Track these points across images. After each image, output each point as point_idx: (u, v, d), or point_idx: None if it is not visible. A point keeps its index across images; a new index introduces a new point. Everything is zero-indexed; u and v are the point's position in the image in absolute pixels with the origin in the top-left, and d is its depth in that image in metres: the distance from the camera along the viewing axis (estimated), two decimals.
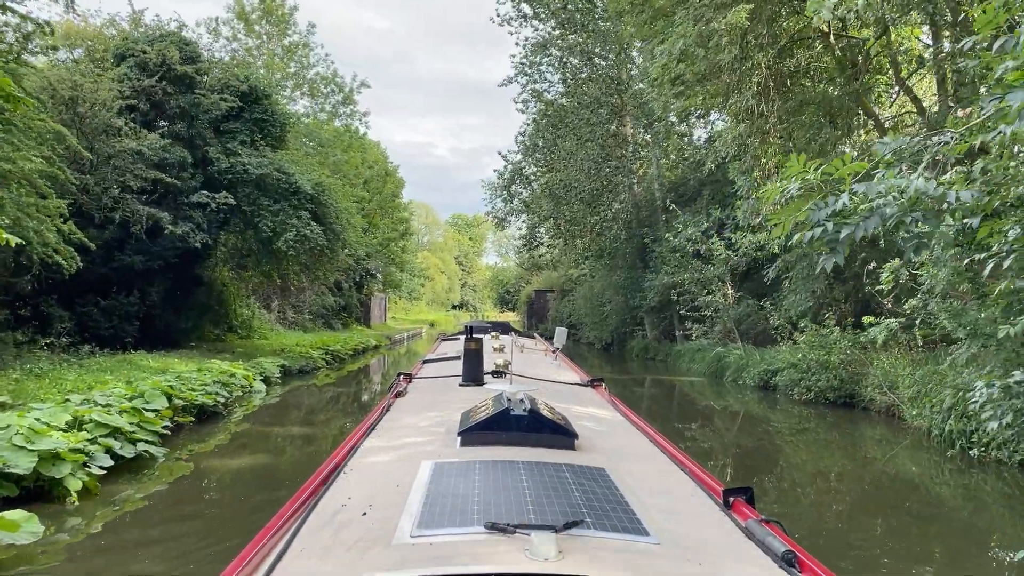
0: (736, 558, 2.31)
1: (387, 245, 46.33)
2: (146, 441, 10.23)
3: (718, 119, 29.44)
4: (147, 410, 11.59)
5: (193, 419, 13.25)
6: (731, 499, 2.86)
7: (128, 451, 9.76)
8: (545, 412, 3.55)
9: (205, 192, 19.59)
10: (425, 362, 7.86)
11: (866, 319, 11.85)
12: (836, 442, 15.08)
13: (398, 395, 5.37)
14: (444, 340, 11.34)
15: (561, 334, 8.91)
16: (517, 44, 34.37)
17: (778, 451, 14.42)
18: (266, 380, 19.33)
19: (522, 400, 3.54)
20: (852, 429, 15.85)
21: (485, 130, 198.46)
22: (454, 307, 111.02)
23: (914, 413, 13.22)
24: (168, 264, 20.15)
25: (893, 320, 11.04)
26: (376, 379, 26.34)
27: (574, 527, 2.21)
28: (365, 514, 2.50)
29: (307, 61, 39.45)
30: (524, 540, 2.10)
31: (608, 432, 4.25)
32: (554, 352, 9.09)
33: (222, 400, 14.28)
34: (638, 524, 2.39)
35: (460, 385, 5.48)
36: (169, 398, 12.51)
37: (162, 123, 20.42)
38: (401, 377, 6.15)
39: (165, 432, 11.29)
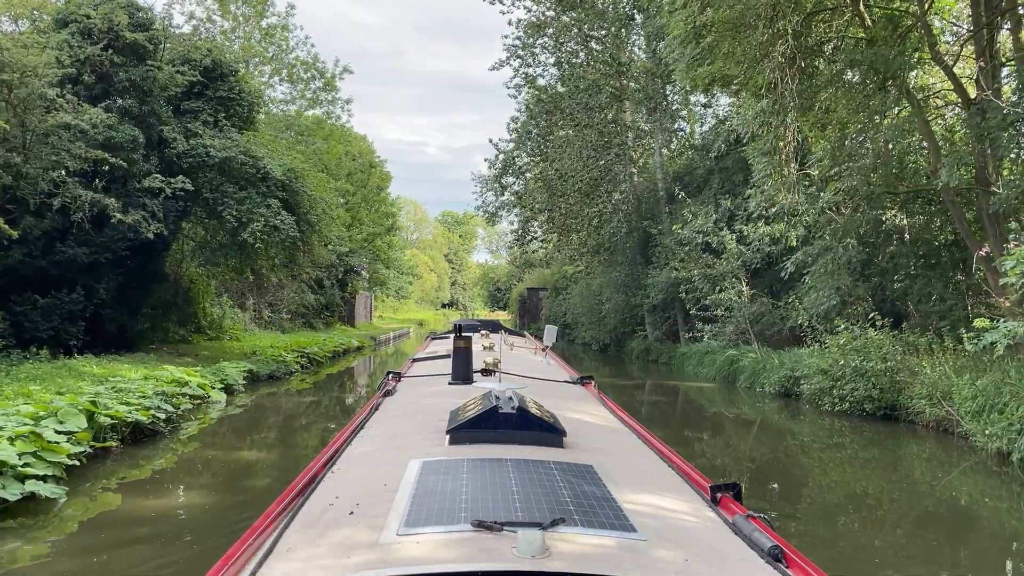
0: (723, 553, 2.29)
1: (372, 241, 44.14)
2: (40, 477, 8.03)
3: (727, 104, 27.46)
4: (60, 432, 9.42)
5: (120, 442, 11.04)
6: (718, 495, 2.85)
7: (13, 491, 7.58)
8: (533, 410, 3.51)
9: (159, 176, 17.34)
10: (415, 361, 7.73)
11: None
12: (876, 461, 13.10)
13: (387, 394, 5.30)
14: (434, 339, 11.11)
15: (551, 332, 8.81)
16: (510, 24, 32.22)
17: (806, 470, 12.45)
18: (227, 388, 17.12)
19: (511, 398, 3.49)
20: (895, 446, 13.85)
21: (477, 128, 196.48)
22: (444, 306, 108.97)
23: (988, 432, 11.13)
24: (118, 257, 17.89)
25: (1019, 324, 8.91)
26: (355, 384, 24.14)
27: (561, 524, 2.20)
28: (352, 513, 2.47)
29: (286, 45, 37.19)
30: (511, 538, 2.08)
31: (597, 429, 4.22)
32: (544, 350, 8.92)
33: (163, 416, 12.06)
34: (625, 520, 2.37)
35: (449, 384, 5.37)
36: (91, 416, 10.33)
37: (118, 100, 18.12)
38: (390, 376, 6.11)
39: (76, 462, 9.08)
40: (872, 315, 14.78)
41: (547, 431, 3.38)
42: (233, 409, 16.15)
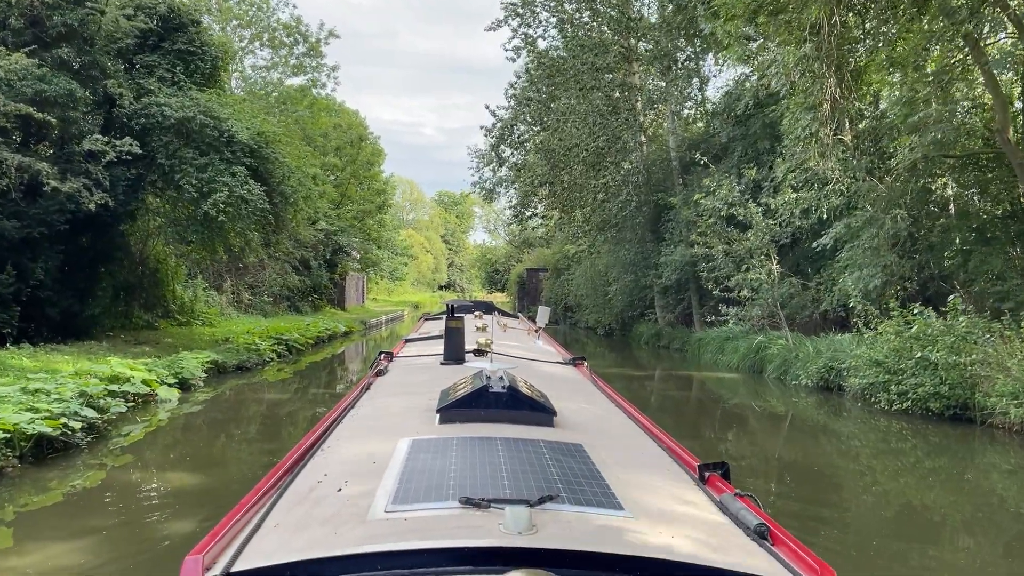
0: (710, 530, 2.31)
1: (362, 219, 41.67)
2: None
3: (746, 72, 24.96)
4: None
5: (19, 460, 8.71)
6: (706, 474, 2.85)
7: None
8: (524, 389, 3.51)
9: (100, 137, 14.91)
10: (407, 341, 7.77)
11: None
12: (944, 471, 10.98)
13: (379, 374, 5.29)
14: (427, 319, 11.04)
15: (544, 313, 8.70)
16: None
17: (858, 480, 10.41)
18: (183, 383, 14.80)
19: (501, 378, 3.50)
20: (968, 452, 11.67)
21: (471, 108, 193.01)
22: (441, 287, 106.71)
23: None
24: (57, 232, 15.50)
25: None
26: (337, 376, 21.82)
27: (548, 502, 2.20)
28: (341, 490, 2.48)
29: (267, 6, 34.42)
30: (498, 514, 2.08)
31: (587, 409, 4.21)
32: (537, 331, 8.88)
33: (80, 425, 9.71)
34: (612, 498, 2.38)
35: (441, 364, 5.35)
36: None
37: (53, 49, 15.59)
38: (382, 356, 6.10)
39: None
40: (954, 298, 12.40)
41: (537, 410, 3.36)
42: (187, 408, 13.82)
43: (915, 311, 12.80)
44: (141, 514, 7.96)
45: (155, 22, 17.44)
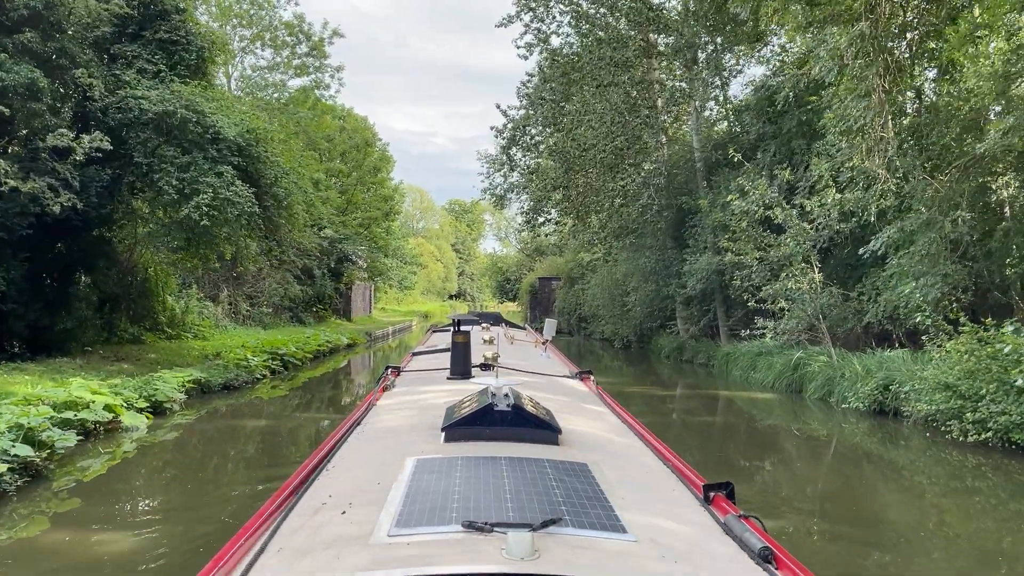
0: (713, 554, 2.27)
1: (368, 226, 40.12)
2: None
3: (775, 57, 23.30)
4: None
5: None
6: (711, 494, 2.82)
7: None
8: (529, 407, 3.49)
9: (65, 131, 13.38)
10: (415, 355, 7.80)
11: None
12: None
13: (385, 389, 5.36)
14: (435, 331, 11.01)
15: (551, 326, 8.85)
16: None
17: (923, 518, 8.66)
18: (157, 407, 13.19)
19: (507, 395, 3.45)
20: None
21: (484, 117, 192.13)
22: (451, 297, 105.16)
23: None
24: (20, 238, 13.97)
25: None
26: (337, 393, 20.16)
27: (552, 525, 2.17)
28: (344, 512, 2.46)
29: (268, 4, 32.97)
30: (500, 539, 2.04)
31: (593, 426, 4.20)
32: (544, 344, 8.72)
33: (7, 466, 8.07)
34: (616, 521, 2.35)
35: (448, 379, 5.36)
36: None
37: (16, 35, 14.10)
38: (389, 370, 6.10)
39: None
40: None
41: (542, 428, 3.32)
42: (159, 437, 12.20)
43: (1008, 327, 10.98)
44: None
45: (135, 9, 15.96)
